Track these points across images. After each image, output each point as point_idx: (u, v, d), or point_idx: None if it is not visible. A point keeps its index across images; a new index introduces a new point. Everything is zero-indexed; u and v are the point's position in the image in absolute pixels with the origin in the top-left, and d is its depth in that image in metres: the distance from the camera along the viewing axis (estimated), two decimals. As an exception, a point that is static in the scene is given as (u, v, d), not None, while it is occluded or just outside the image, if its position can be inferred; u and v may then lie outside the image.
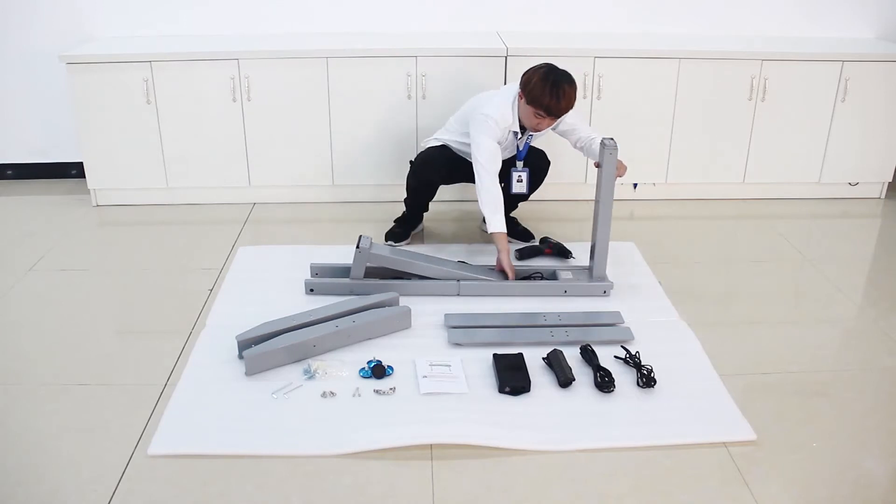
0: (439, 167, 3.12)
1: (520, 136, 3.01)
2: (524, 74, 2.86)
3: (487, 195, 2.87)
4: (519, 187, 3.12)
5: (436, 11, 3.94)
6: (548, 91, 2.78)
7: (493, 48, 3.55)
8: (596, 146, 2.91)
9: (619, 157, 2.76)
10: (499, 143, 2.92)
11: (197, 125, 3.62)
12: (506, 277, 2.86)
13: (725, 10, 3.99)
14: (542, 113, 2.82)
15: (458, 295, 2.83)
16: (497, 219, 2.88)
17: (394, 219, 3.39)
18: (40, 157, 4.13)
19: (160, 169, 3.68)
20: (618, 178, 2.80)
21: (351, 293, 2.78)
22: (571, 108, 2.86)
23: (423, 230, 3.43)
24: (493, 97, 2.98)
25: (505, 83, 3.56)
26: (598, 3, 3.94)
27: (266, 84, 3.56)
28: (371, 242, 2.75)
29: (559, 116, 2.87)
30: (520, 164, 3.09)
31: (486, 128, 2.88)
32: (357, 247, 2.72)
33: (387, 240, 3.29)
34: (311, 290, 2.82)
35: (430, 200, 3.27)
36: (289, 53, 3.52)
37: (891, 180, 3.92)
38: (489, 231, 2.89)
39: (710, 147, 3.77)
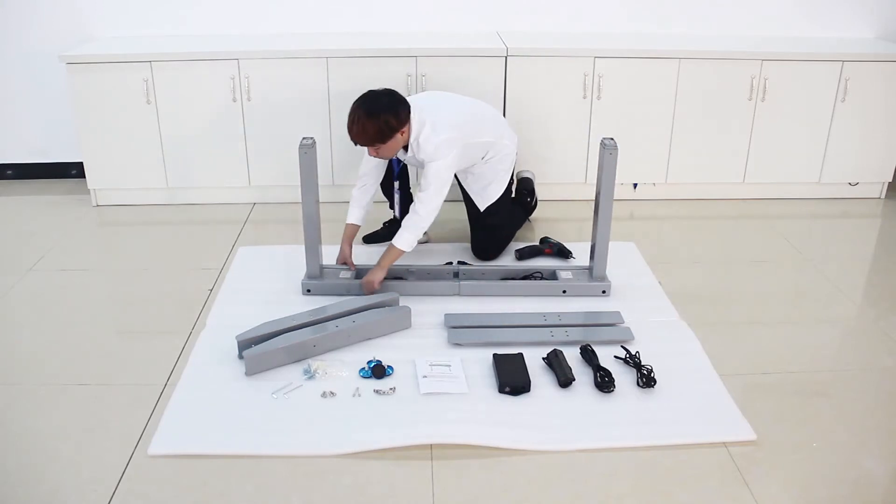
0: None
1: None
2: None
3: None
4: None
5: (436, 11, 3.94)
6: (350, 113, 2.68)
7: (493, 48, 3.55)
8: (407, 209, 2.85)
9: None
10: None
11: (197, 125, 3.62)
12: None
13: (725, 10, 3.99)
14: None
15: (459, 294, 2.83)
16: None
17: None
18: (40, 157, 4.13)
19: (160, 169, 3.68)
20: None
21: (348, 293, 2.78)
22: (365, 141, 2.67)
23: (427, 240, 3.31)
24: None
25: (505, 83, 3.56)
26: (598, 3, 3.94)
27: (266, 84, 3.56)
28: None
29: (355, 143, 2.70)
30: (396, 183, 3.10)
31: None
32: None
33: (364, 240, 3.27)
34: (308, 291, 2.82)
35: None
36: (289, 53, 3.52)
37: (891, 180, 3.92)
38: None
39: (710, 147, 3.76)
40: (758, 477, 1.95)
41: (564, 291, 2.84)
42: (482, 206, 3.09)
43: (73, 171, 4.10)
